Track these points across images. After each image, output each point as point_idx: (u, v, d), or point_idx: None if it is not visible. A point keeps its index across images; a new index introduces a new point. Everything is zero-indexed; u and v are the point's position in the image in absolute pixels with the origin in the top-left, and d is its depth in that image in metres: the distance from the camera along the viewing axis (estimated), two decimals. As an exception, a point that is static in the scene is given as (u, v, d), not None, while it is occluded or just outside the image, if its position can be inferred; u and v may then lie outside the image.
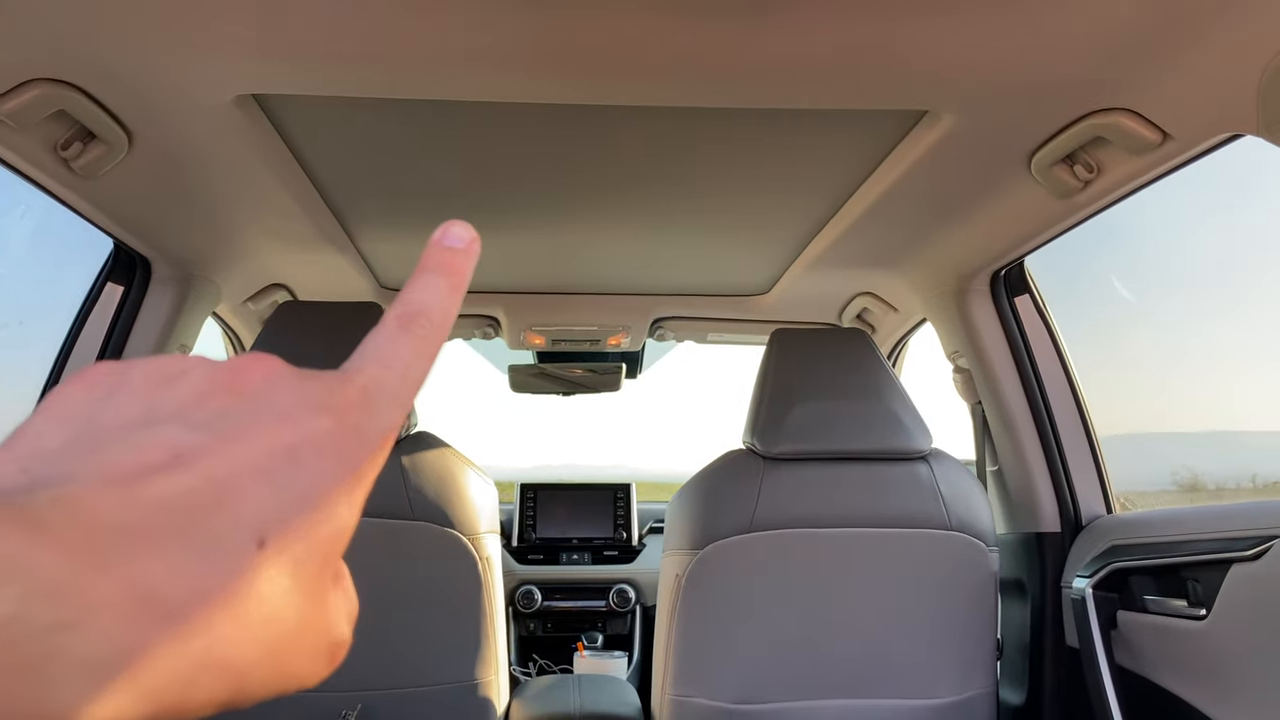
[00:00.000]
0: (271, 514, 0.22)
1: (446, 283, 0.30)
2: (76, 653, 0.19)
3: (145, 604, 0.20)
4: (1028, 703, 1.74)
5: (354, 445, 0.25)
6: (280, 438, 0.24)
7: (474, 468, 1.63)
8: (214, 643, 0.21)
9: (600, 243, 1.90)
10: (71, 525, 0.20)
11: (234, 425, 0.23)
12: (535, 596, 2.82)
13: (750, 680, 1.51)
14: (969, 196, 1.50)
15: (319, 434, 0.24)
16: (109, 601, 0.19)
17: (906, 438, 1.56)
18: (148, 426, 0.23)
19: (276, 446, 0.23)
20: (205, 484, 0.22)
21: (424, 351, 0.28)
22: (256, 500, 0.22)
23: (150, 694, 0.20)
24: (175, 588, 0.20)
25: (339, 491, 0.24)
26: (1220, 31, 0.96)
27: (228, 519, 0.22)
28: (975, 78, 1.11)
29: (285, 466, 0.23)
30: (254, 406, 0.24)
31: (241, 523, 0.22)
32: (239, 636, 0.21)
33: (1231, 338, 2.57)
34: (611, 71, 1.10)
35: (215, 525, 0.21)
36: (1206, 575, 1.32)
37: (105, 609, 0.19)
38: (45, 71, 1.06)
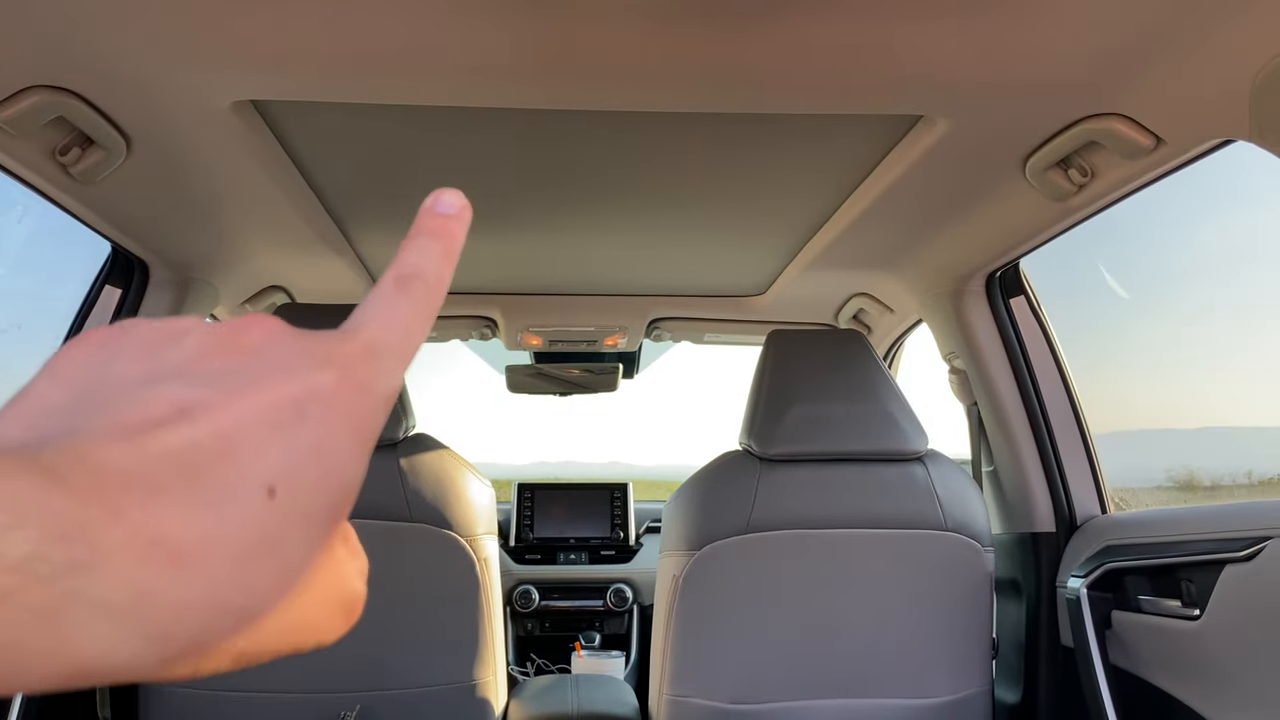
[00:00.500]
0: (280, 465, 0.23)
1: (440, 246, 0.30)
2: (94, 594, 0.19)
3: (157, 548, 0.20)
4: (1023, 702, 1.75)
5: (359, 400, 0.25)
6: (285, 391, 0.24)
7: (472, 470, 1.64)
8: (227, 589, 0.21)
9: (597, 244, 1.91)
10: (81, 473, 0.20)
11: (237, 381, 0.23)
12: (533, 596, 2.82)
13: (747, 680, 1.51)
14: (964, 199, 1.51)
15: (324, 388, 0.24)
16: (122, 545, 0.20)
17: (902, 439, 1.57)
18: (151, 384, 0.23)
19: (282, 400, 0.23)
20: (211, 437, 0.22)
21: (422, 312, 0.28)
22: (264, 452, 0.22)
23: (167, 637, 0.20)
24: (186, 534, 0.21)
25: (346, 445, 0.24)
26: (1213, 37, 0.97)
27: (236, 470, 0.22)
28: (970, 83, 1.11)
29: (292, 419, 0.23)
30: (257, 362, 0.24)
31: (250, 473, 0.22)
32: (251, 584, 0.22)
33: (1229, 335, 2.58)
34: (607, 78, 1.11)
35: (223, 476, 0.22)
36: (1200, 575, 1.33)
37: (119, 552, 0.20)
38: (44, 78, 1.07)
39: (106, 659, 0.20)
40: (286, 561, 0.23)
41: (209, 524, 0.21)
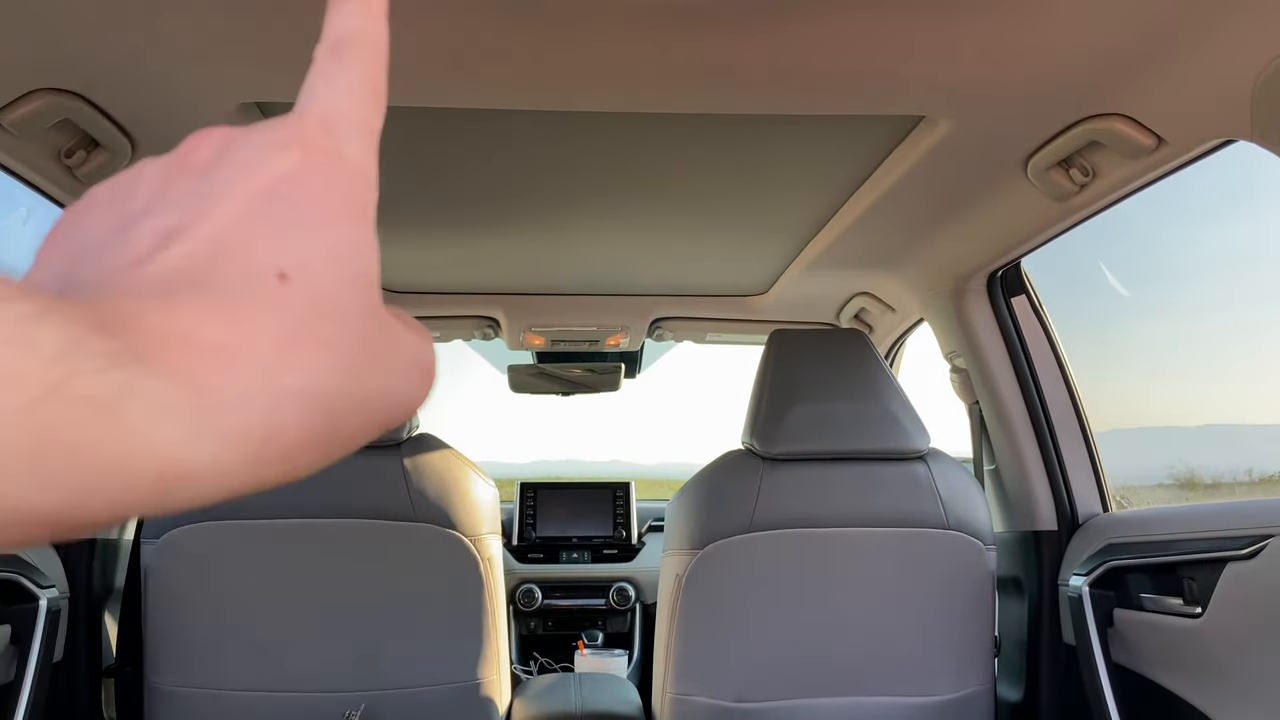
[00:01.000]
0: (278, 248, 0.23)
1: (364, 13, 0.29)
2: (148, 390, 0.19)
3: (193, 344, 0.20)
4: (1025, 700, 1.76)
5: (331, 170, 0.25)
6: (254, 184, 0.23)
7: (475, 469, 1.64)
8: (279, 372, 0.21)
9: (600, 244, 1.91)
10: (94, 307, 0.20)
11: (205, 193, 0.23)
12: (535, 595, 2.83)
13: (751, 679, 1.52)
14: (966, 199, 1.52)
15: (290, 167, 0.24)
16: (158, 343, 0.20)
17: (904, 438, 1.57)
18: (127, 229, 0.23)
19: (254, 193, 0.23)
20: (202, 244, 0.22)
21: (368, 74, 0.27)
22: (258, 243, 0.23)
23: (240, 434, 0.21)
24: (215, 329, 0.21)
25: (337, 217, 0.24)
26: (1215, 37, 0.97)
27: (238, 265, 0.22)
28: (972, 84, 1.12)
29: (272, 205, 0.23)
30: (217, 172, 0.24)
31: (253, 264, 0.22)
32: (302, 364, 0.22)
33: (1229, 333, 2.58)
34: (610, 78, 1.11)
35: (228, 273, 0.22)
36: (1202, 573, 1.34)
37: (158, 349, 0.20)
38: (50, 81, 1.07)
39: (188, 461, 0.20)
40: (329, 337, 0.23)
41: (233, 316, 0.21)
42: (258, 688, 1.49)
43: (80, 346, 0.19)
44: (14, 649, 1.44)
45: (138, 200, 0.24)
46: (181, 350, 0.20)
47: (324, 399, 0.22)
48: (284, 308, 0.22)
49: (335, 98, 0.27)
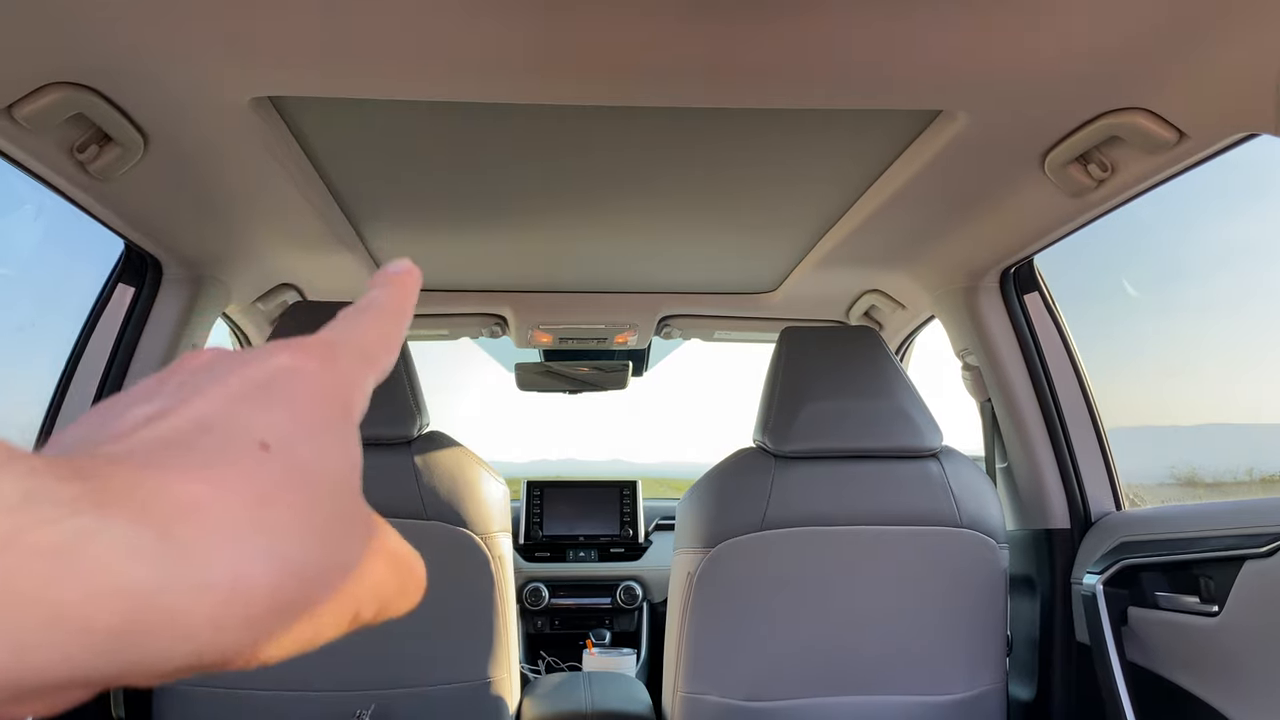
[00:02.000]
0: (263, 423, 0.23)
1: (391, 289, 0.32)
2: (116, 533, 0.19)
3: (165, 494, 0.20)
4: (1038, 699, 1.75)
5: (323, 372, 0.26)
6: (248, 375, 0.25)
7: (486, 467, 1.63)
8: (251, 528, 0.21)
9: (608, 241, 1.91)
10: (66, 461, 0.20)
11: (197, 385, 0.24)
12: (543, 594, 2.82)
13: (762, 678, 1.51)
14: (981, 195, 1.51)
15: (283, 362, 0.25)
16: (130, 492, 0.20)
17: (917, 435, 1.57)
18: (114, 419, 0.24)
19: (246, 381, 0.24)
20: (187, 420, 0.23)
21: (380, 325, 0.30)
22: (243, 417, 0.23)
23: (203, 584, 0.20)
24: (188, 483, 0.21)
25: (324, 410, 0.25)
26: (1238, 31, 0.96)
27: (221, 434, 0.23)
28: (991, 78, 1.11)
29: (261, 392, 0.24)
30: (211, 370, 0.25)
31: (236, 432, 0.23)
32: (276, 522, 0.22)
33: (1229, 331, 2.58)
34: (624, 73, 1.11)
35: (211, 441, 0.22)
36: (1219, 572, 1.33)
37: (129, 497, 0.20)
38: (63, 75, 1.07)
39: (148, 610, 0.19)
40: (303, 504, 0.23)
41: (208, 473, 0.21)
42: (268, 686, 1.49)
43: (44, 495, 0.18)
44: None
45: (130, 398, 0.25)
46: (152, 498, 0.20)
47: (292, 563, 0.22)
48: (261, 471, 0.22)
49: (344, 330, 0.29)
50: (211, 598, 0.20)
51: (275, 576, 0.21)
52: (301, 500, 0.23)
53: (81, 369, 1.64)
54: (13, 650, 0.18)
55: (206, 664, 0.21)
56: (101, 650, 0.19)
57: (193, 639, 0.20)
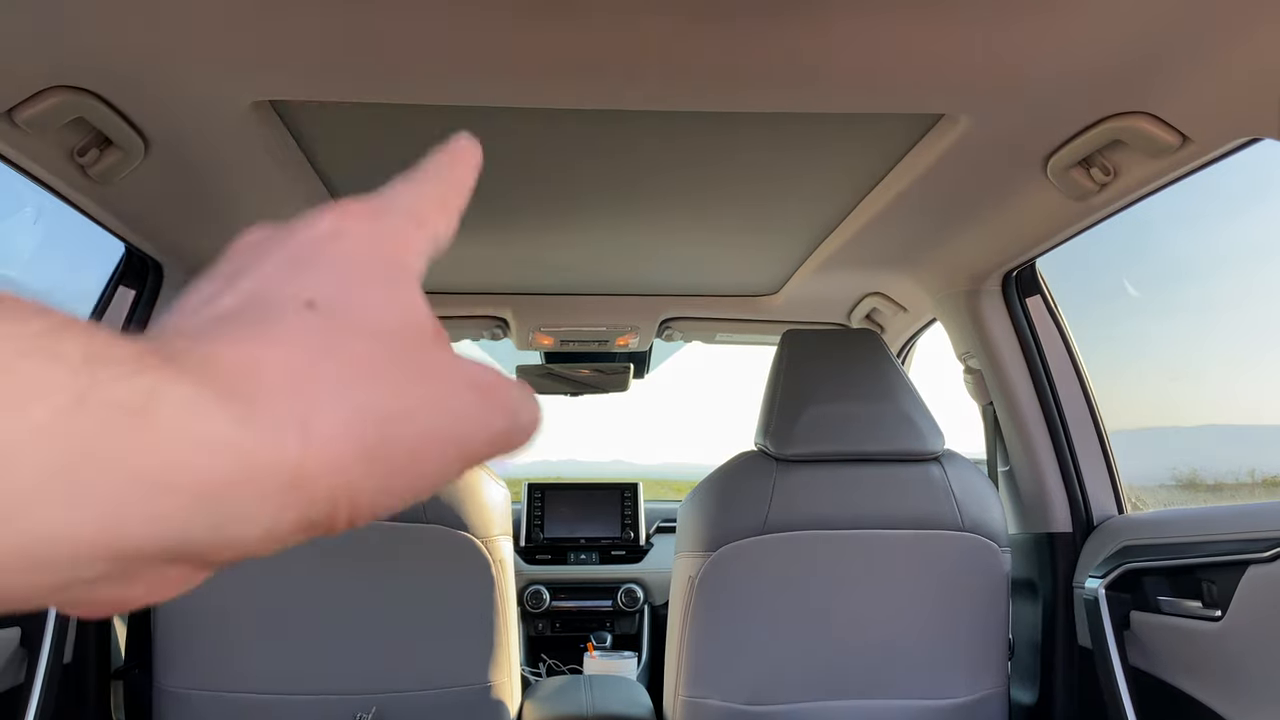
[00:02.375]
0: (309, 285, 0.24)
1: (447, 159, 0.31)
2: (181, 395, 0.19)
3: (221, 356, 0.21)
4: (1039, 703, 1.75)
5: (368, 233, 0.26)
6: (292, 244, 0.25)
7: (487, 470, 1.63)
8: (312, 380, 0.22)
9: (610, 244, 1.90)
10: (143, 342, 0.21)
11: (246, 265, 0.25)
12: (543, 597, 2.82)
13: (764, 681, 1.51)
14: (983, 198, 1.50)
15: (327, 230, 0.26)
16: (187, 354, 0.21)
17: (919, 439, 1.56)
18: (179, 309, 0.25)
19: (291, 250, 0.25)
20: (238, 296, 0.24)
21: (438, 189, 0.30)
22: (289, 283, 0.24)
23: (275, 440, 0.20)
24: (242, 344, 0.21)
25: (369, 265, 0.25)
26: (1240, 35, 0.96)
27: (268, 301, 0.23)
28: (994, 81, 1.11)
29: (306, 257, 0.25)
30: (259, 247, 0.26)
31: (283, 295, 0.23)
32: (338, 373, 0.22)
33: (1231, 332, 2.57)
34: (626, 77, 1.10)
35: (258, 309, 0.23)
36: (1222, 576, 1.33)
37: (187, 358, 0.20)
38: (64, 79, 1.06)
39: (226, 468, 0.19)
40: (362, 355, 0.23)
41: (259, 333, 0.22)
42: (268, 690, 1.49)
43: (104, 354, 0.19)
44: (23, 651, 1.44)
45: (188, 295, 0.26)
46: (207, 362, 0.20)
47: (362, 408, 0.22)
48: (311, 328, 0.23)
49: (395, 193, 0.29)
50: (285, 447, 0.20)
51: (346, 421, 0.21)
52: (359, 350, 0.23)
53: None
54: (103, 515, 0.18)
55: (307, 523, 0.21)
56: (190, 512, 0.19)
57: (279, 495, 0.20)
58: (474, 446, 0.24)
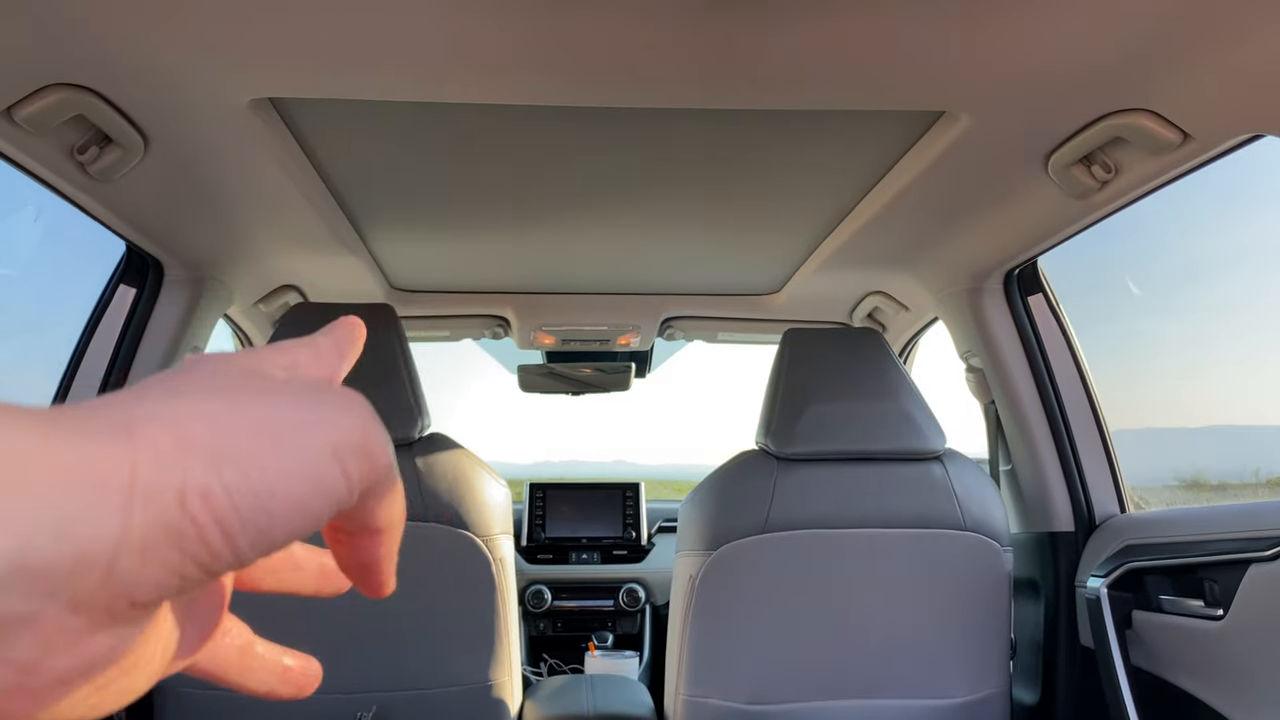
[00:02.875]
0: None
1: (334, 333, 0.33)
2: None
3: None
4: (1041, 702, 1.74)
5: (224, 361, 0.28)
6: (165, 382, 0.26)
7: (487, 469, 1.63)
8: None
9: (611, 243, 1.90)
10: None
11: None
12: (545, 596, 2.82)
13: (765, 681, 1.51)
14: (984, 196, 1.50)
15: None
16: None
17: (921, 438, 1.56)
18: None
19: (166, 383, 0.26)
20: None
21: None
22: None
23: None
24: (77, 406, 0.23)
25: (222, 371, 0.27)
26: (1242, 31, 0.96)
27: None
28: (994, 78, 1.10)
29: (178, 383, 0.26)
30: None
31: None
32: (183, 396, 0.24)
33: (1234, 333, 2.56)
34: (626, 75, 1.10)
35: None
36: (1224, 575, 1.32)
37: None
38: (63, 76, 1.06)
39: (69, 453, 0.20)
40: (193, 388, 0.24)
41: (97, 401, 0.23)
42: None
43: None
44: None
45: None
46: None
47: (190, 415, 0.23)
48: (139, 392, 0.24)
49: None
50: (110, 444, 0.21)
51: (172, 419, 0.22)
52: (187, 384, 0.24)
53: (83, 370, 1.64)
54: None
55: (168, 530, 0.21)
56: (21, 518, 0.19)
57: (115, 493, 0.20)
58: (318, 441, 0.24)
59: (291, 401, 0.25)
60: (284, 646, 0.37)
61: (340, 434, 0.25)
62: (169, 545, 0.21)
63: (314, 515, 0.24)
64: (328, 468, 0.24)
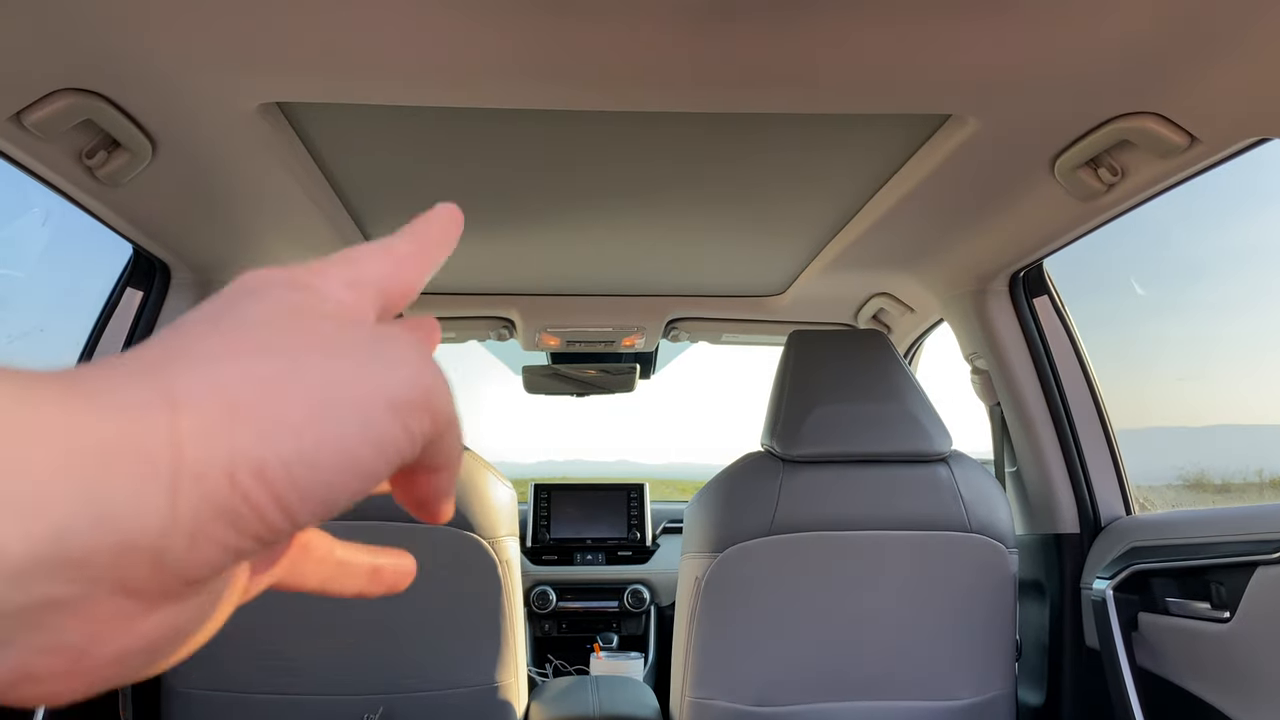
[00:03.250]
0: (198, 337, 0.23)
1: (416, 228, 0.32)
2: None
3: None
4: (1047, 704, 1.74)
5: (284, 296, 0.25)
6: (206, 310, 0.25)
7: (493, 471, 1.63)
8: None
9: (616, 244, 1.90)
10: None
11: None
12: (550, 597, 2.82)
13: (770, 682, 1.51)
14: (990, 199, 1.50)
15: (245, 287, 0.26)
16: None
17: (926, 440, 1.56)
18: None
19: (205, 314, 0.25)
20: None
21: (401, 254, 0.30)
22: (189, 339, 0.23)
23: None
24: (106, 362, 0.21)
25: (273, 319, 0.25)
26: (1249, 35, 0.96)
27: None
28: (1001, 82, 1.10)
29: (216, 314, 0.24)
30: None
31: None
32: (225, 356, 0.22)
33: (1239, 332, 2.56)
34: (630, 79, 1.10)
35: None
36: (1230, 577, 1.32)
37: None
38: (72, 81, 1.07)
39: (107, 429, 0.19)
40: (232, 336, 0.23)
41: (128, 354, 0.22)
42: (275, 690, 1.49)
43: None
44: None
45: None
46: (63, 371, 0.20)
47: (234, 375, 0.21)
48: (169, 337, 0.23)
49: (346, 255, 0.28)
50: (150, 418, 0.19)
51: (214, 385, 0.21)
52: (227, 331, 0.22)
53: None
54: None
55: (222, 511, 0.19)
56: (61, 503, 0.18)
57: (161, 475, 0.19)
58: (378, 401, 0.22)
59: (347, 354, 0.23)
60: (368, 548, 0.34)
61: (401, 389, 0.23)
62: (222, 524, 0.19)
63: (375, 476, 0.22)
64: (388, 427, 0.22)
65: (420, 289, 0.30)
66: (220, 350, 0.21)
